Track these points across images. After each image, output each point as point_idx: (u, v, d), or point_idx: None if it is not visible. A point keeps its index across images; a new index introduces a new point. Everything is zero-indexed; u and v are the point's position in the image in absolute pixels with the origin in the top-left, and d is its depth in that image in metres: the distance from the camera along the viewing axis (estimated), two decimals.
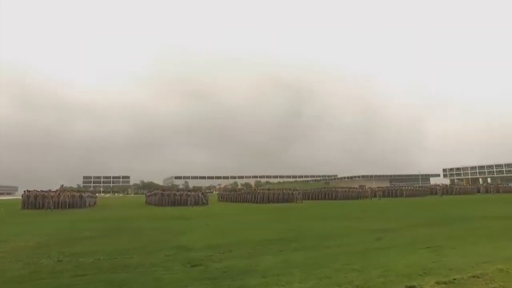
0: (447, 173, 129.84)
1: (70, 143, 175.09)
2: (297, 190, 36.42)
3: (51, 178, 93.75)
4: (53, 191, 29.12)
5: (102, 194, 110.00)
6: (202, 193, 32.78)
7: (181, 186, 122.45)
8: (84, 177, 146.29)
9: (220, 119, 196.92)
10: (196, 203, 30.71)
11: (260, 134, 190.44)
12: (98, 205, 34.94)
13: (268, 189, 40.37)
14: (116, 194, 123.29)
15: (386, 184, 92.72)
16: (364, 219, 15.19)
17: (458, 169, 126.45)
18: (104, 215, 20.23)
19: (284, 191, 36.73)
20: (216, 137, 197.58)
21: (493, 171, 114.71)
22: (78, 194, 31.29)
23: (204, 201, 31.62)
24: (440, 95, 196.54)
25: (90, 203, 32.26)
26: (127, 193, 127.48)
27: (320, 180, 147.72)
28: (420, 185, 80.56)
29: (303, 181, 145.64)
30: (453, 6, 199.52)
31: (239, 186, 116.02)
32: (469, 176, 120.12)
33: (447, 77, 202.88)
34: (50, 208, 25.99)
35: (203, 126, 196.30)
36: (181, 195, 32.78)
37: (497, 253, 6.79)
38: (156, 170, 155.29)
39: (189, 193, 33.22)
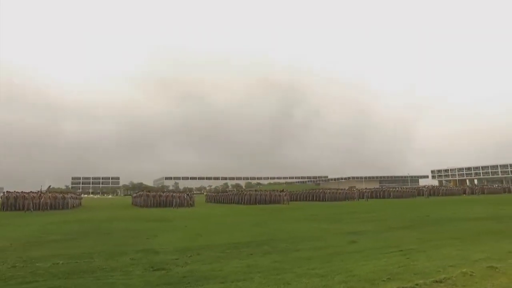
0: (435, 174, 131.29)
1: (60, 143, 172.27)
2: (284, 192, 36.31)
3: (40, 179, 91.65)
4: (34, 192, 28.42)
5: (91, 195, 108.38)
6: (188, 194, 32.38)
7: (171, 187, 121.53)
8: (73, 178, 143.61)
9: (213, 120, 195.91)
10: (182, 205, 30.33)
11: (252, 135, 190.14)
12: (83, 206, 34.34)
13: (256, 191, 40.25)
14: (105, 195, 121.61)
15: (376, 185, 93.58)
16: (344, 221, 15.06)
17: (446, 170, 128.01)
18: (84, 217, 19.77)
19: (272, 192, 36.64)
20: (208, 138, 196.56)
21: (480, 173, 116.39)
22: (61, 195, 30.67)
23: (190, 202, 31.25)
24: (430, 97, 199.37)
25: (74, 205, 31.66)
26: (117, 194, 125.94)
27: (310, 181, 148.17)
28: (409, 186, 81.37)
29: (294, 182, 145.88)
30: (445, 8, 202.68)
31: (229, 188, 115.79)
32: (457, 178, 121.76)
33: (437, 80, 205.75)
34: (30, 209, 25.35)
35: (195, 127, 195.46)
36: (166, 196, 32.39)
37: (465, 256, 6.68)
38: (147, 171, 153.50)
39: (174, 194, 32.83)
